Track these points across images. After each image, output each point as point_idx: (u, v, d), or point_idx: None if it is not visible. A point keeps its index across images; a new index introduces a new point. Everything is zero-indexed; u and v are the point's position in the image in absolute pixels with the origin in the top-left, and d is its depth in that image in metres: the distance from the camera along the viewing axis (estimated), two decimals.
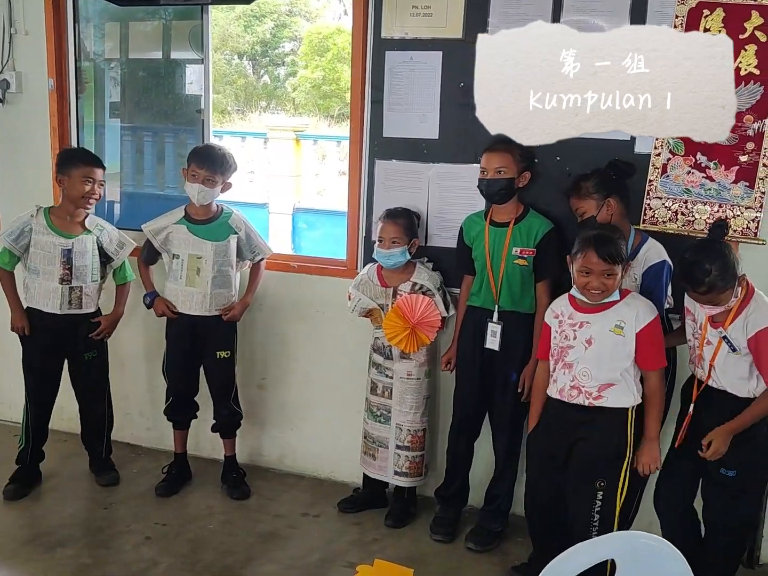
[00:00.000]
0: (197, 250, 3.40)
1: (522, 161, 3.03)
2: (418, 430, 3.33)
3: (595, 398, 2.61)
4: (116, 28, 4.05)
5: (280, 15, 20.02)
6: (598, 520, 2.65)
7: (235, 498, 3.56)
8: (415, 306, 3.17)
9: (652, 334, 2.58)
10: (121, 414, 4.08)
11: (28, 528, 3.26)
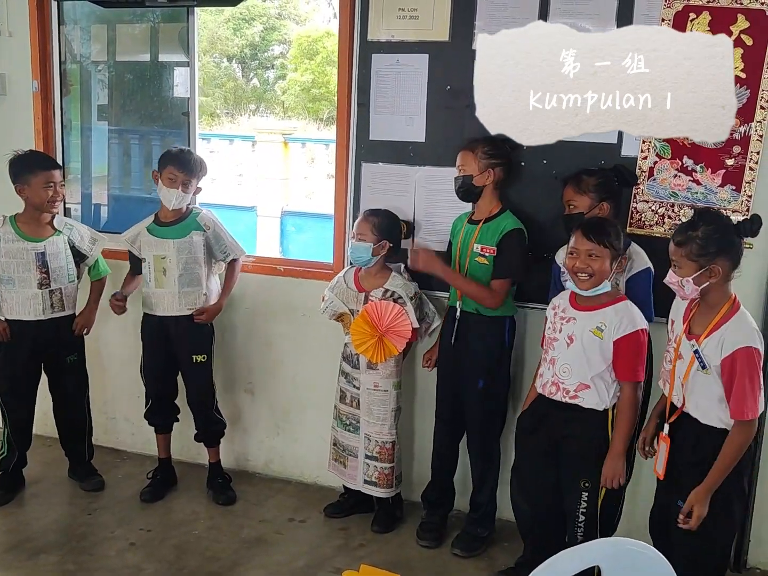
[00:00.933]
0: (160, 250, 3.38)
1: (485, 159, 3.00)
2: (386, 442, 3.27)
3: (571, 397, 2.62)
4: (103, 30, 4.03)
5: (269, 18, 20.02)
6: (583, 521, 2.64)
7: (221, 503, 3.53)
8: (385, 313, 3.11)
9: (631, 345, 2.54)
10: (105, 418, 4.06)
11: (10, 534, 3.23)
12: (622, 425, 2.58)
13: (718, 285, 2.33)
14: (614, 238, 2.55)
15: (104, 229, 4.04)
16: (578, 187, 2.87)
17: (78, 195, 4.17)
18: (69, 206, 4.11)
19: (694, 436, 2.40)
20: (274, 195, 10.22)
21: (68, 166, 4.09)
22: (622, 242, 2.60)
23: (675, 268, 2.37)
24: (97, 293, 3.62)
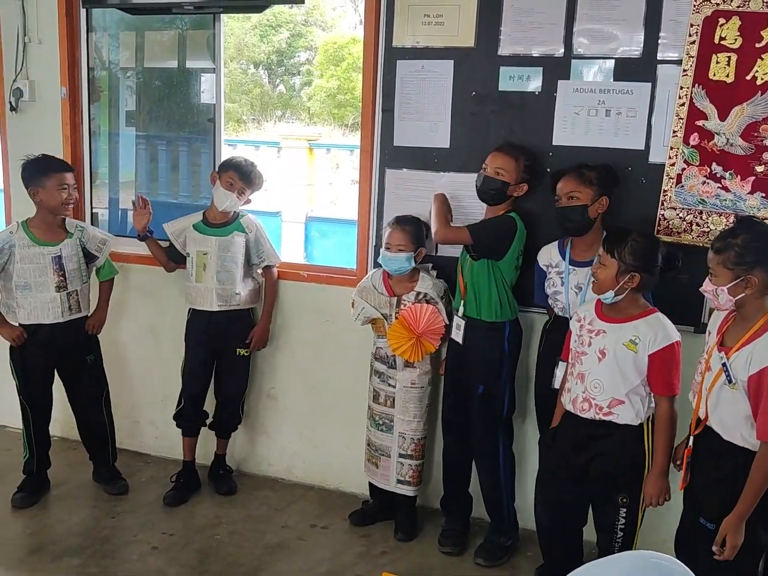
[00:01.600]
0: (203, 246, 3.48)
1: (525, 172, 3.01)
2: (420, 438, 3.31)
3: (605, 414, 2.56)
4: (132, 37, 4.07)
5: (296, 25, 20.13)
6: (622, 537, 2.60)
7: (223, 493, 3.62)
8: (420, 315, 3.16)
9: (667, 359, 2.48)
10: (129, 422, 4.08)
11: (34, 537, 3.25)
12: (662, 441, 2.52)
13: (755, 297, 2.26)
14: (627, 253, 2.49)
15: (131, 235, 4.08)
16: (581, 178, 2.84)
17: (105, 200, 4.21)
18: (96, 211, 4.14)
19: (716, 452, 2.35)
20: (298, 200, 10.25)
21: (96, 172, 4.13)
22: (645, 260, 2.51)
23: (711, 276, 2.32)
24: (107, 293, 3.68)
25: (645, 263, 2.51)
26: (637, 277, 2.50)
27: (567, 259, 2.95)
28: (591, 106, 3.05)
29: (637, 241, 2.51)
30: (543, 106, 3.11)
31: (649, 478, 2.54)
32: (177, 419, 3.64)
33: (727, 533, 2.25)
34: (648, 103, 2.97)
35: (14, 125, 4.03)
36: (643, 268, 2.50)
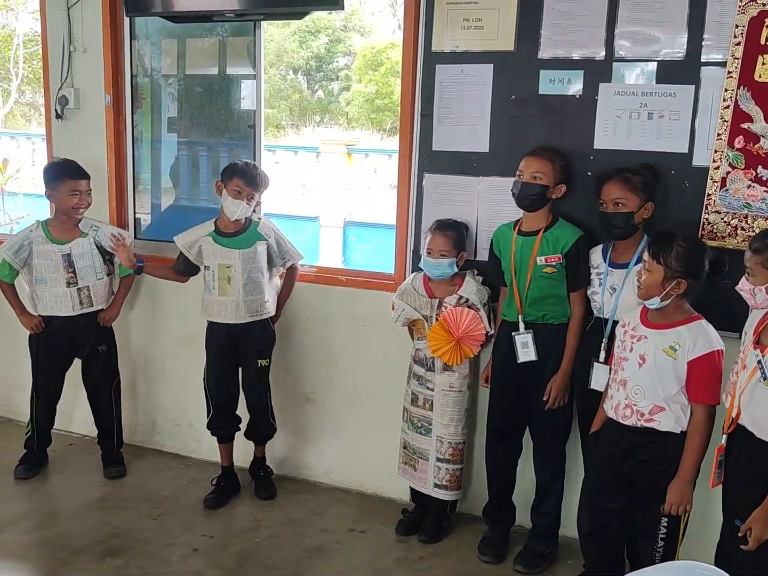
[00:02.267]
0: (226, 260, 3.45)
1: (561, 173, 2.99)
2: (458, 442, 3.29)
3: (646, 420, 2.53)
4: (174, 44, 4.12)
5: (334, 30, 20.24)
6: (663, 547, 2.56)
7: (263, 498, 3.62)
8: (460, 319, 3.15)
9: (706, 367, 2.44)
10: (171, 425, 4.13)
11: (78, 537, 3.29)
12: (692, 450, 2.48)
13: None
14: (673, 258, 2.46)
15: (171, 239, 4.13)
16: (628, 184, 2.81)
17: (148, 206, 4.27)
18: (139, 216, 4.20)
19: (748, 451, 2.33)
20: (336, 205, 10.30)
21: (138, 177, 4.19)
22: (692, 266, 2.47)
23: (748, 275, 2.31)
24: (125, 289, 3.87)
25: (691, 269, 2.47)
26: (683, 284, 2.47)
27: (607, 260, 2.94)
28: (633, 109, 3.02)
29: (682, 246, 2.47)
30: (584, 110, 3.08)
31: (673, 485, 2.49)
32: (210, 428, 3.66)
33: (752, 525, 2.25)
34: (691, 105, 2.93)
35: (60, 132, 4.11)
36: (689, 274, 2.47)
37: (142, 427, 4.21)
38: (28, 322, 3.69)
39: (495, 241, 3.18)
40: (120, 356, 4.04)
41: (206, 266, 3.49)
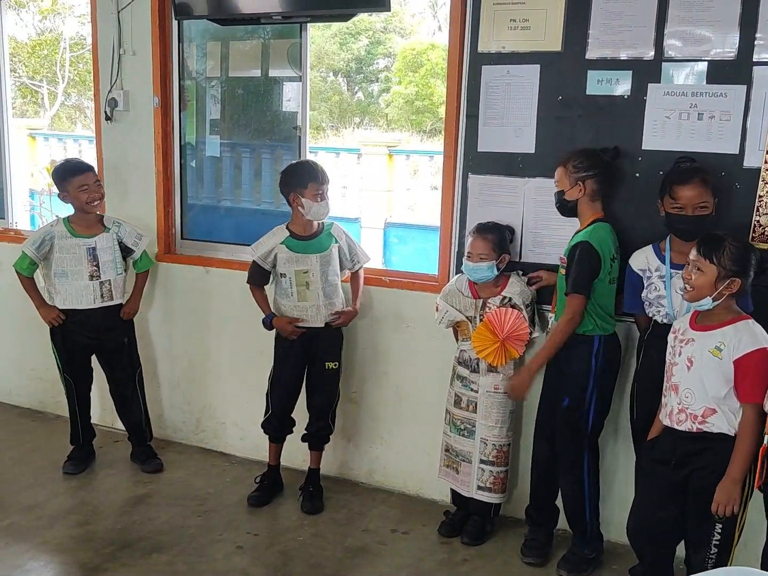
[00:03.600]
0: (302, 265, 3.45)
1: (575, 172, 2.95)
2: (503, 444, 3.28)
3: (700, 423, 2.50)
4: (217, 47, 4.16)
5: (375, 32, 20.29)
6: (716, 553, 2.52)
7: (305, 512, 3.56)
8: (504, 319, 3.15)
9: (752, 365, 2.39)
10: (215, 423, 4.18)
11: (124, 533, 3.35)
12: (741, 449, 2.44)
13: None
14: (727, 257, 2.44)
15: (213, 240, 4.18)
16: (707, 186, 2.76)
17: (191, 206, 4.31)
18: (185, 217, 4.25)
19: None
20: (377, 206, 10.31)
21: (185, 179, 4.23)
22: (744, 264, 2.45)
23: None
24: (142, 283, 3.97)
25: (744, 268, 2.45)
26: (737, 282, 2.44)
27: (667, 262, 2.87)
28: (683, 110, 2.98)
29: (734, 245, 2.45)
30: (632, 110, 3.05)
31: (721, 485, 2.46)
32: (265, 427, 3.67)
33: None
34: (743, 106, 2.88)
35: (108, 134, 4.18)
36: (742, 273, 2.45)
37: (186, 425, 4.26)
38: (47, 314, 3.76)
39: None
40: (163, 356, 4.10)
41: (282, 274, 3.47)
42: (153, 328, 4.25)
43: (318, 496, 3.65)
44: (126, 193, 4.20)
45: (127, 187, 4.20)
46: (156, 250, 4.16)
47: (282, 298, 3.52)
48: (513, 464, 3.42)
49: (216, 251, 4.13)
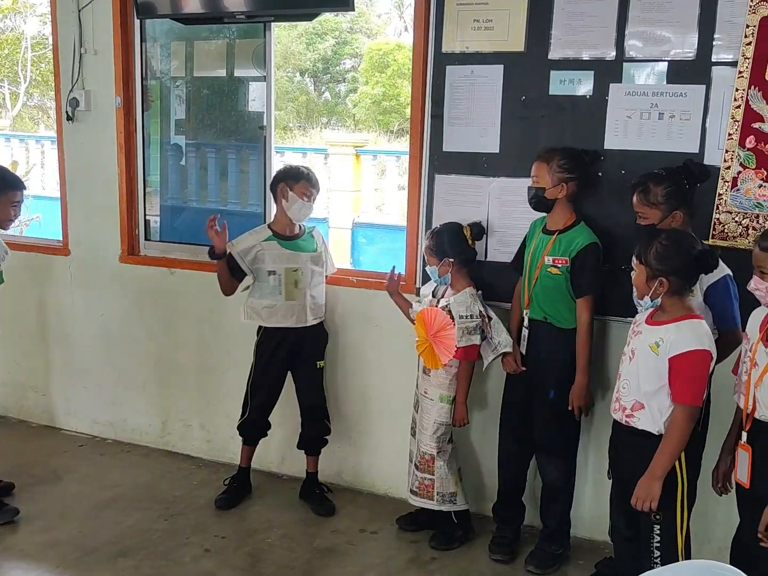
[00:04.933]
0: (293, 263, 3.44)
1: (560, 172, 2.96)
2: (425, 453, 3.25)
3: (627, 416, 2.49)
4: (182, 47, 4.13)
5: (341, 32, 20.29)
6: (659, 557, 2.49)
7: (322, 515, 3.54)
8: (434, 319, 3.16)
9: (687, 365, 2.35)
10: (181, 426, 4.14)
11: (89, 538, 3.31)
12: (664, 448, 2.40)
13: None
14: (652, 257, 2.40)
15: (180, 241, 4.15)
16: (647, 199, 2.74)
17: (157, 207, 4.28)
18: (149, 218, 4.22)
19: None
20: (345, 207, 10.30)
21: (148, 179, 4.20)
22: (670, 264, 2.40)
23: (761, 274, 2.30)
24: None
25: (671, 267, 2.40)
26: (665, 282, 2.40)
27: None
28: (643, 110, 3.02)
29: (662, 244, 2.41)
30: (594, 110, 3.08)
31: (641, 481, 2.42)
32: (241, 429, 3.63)
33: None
34: (702, 105, 2.93)
35: (70, 134, 4.13)
36: (670, 272, 2.39)
37: (152, 428, 4.22)
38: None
39: (529, 231, 3.18)
40: (128, 358, 4.05)
41: (270, 271, 3.43)
42: (117, 330, 4.21)
43: (326, 497, 3.64)
44: (89, 194, 4.15)
45: (90, 188, 4.15)
46: (120, 251, 4.12)
47: (265, 299, 3.44)
48: (477, 462, 3.44)
49: (181, 252, 4.10)
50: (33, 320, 3.62)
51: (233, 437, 3.96)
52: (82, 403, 4.31)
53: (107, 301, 4.19)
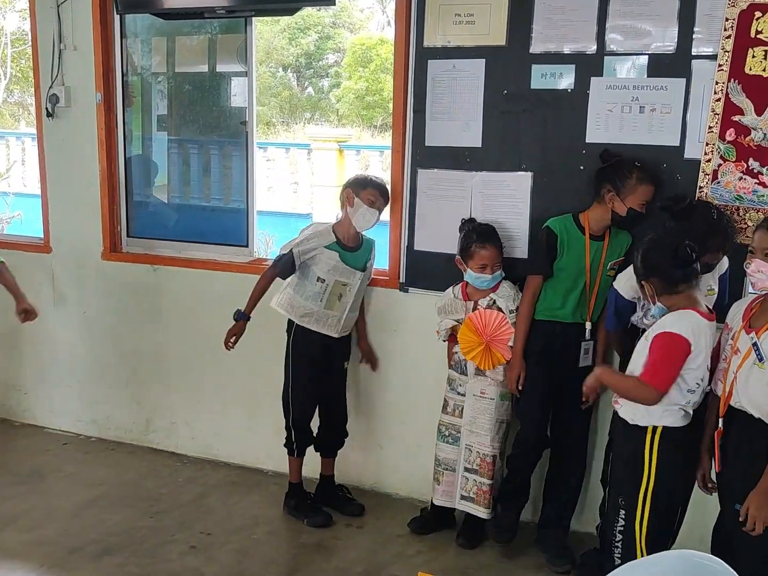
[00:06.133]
0: (345, 278, 3.35)
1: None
2: (487, 455, 3.15)
3: (614, 402, 2.59)
4: (163, 42, 4.11)
5: (324, 27, 20.22)
6: (621, 541, 2.53)
7: (356, 515, 3.48)
8: (489, 321, 3.08)
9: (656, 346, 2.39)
10: (165, 423, 4.13)
11: (74, 536, 3.29)
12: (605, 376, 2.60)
13: None
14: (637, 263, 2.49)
15: (165, 238, 4.13)
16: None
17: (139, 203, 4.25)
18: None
19: (746, 433, 2.36)
20: (329, 202, 10.29)
21: (130, 175, 4.17)
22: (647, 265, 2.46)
23: (765, 257, 2.32)
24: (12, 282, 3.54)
25: (648, 269, 2.46)
26: (647, 285, 2.46)
27: None
28: (624, 103, 3.03)
29: (642, 249, 2.50)
30: (576, 104, 3.09)
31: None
32: (290, 446, 3.48)
33: (750, 507, 2.27)
34: (683, 98, 2.95)
35: (51, 131, 4.10)
36: (649, 274, 2.46)
37: (136, 425, 4.20)
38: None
39: (560, 236, 3.00)
40: (111, 355, 4.02)
41: (320, 278, 3.33)
42: (100, 328, 4.18)
43: (352, 497, 3.58)
44: (70, 191, 4.12)
45: (71, 185, 4.12)
46: (102, 249, 4.09)
47: (305, 299, 3.35)
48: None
49: (164, 249, 4.08)
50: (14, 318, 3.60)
51: (218, 434, 3.98)
52: (66, 401, 4.28)
53: (90, 298, 4.17)
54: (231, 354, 3.55)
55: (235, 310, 3.37)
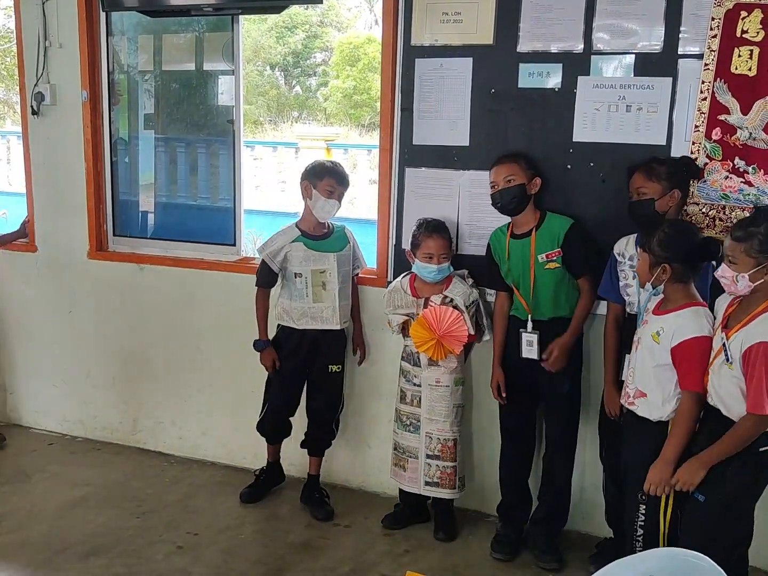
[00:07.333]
0: (320, 265, 3.35)
1: (528, 168, 3.01)
2: (448, 439, 3.25)
3: (629, 403, 2.60)
4: (150, 40, 4.09)
5: (311, 26, 20.19)
6: (642, 536, 2.56)
7: (320, 519, 3.45)
8: (443, 318, 3.12)
9: (686, 353, 2.43)
10: (152, 423, 4.11)
11: (60, 537, 3.27)
12: (675, 433, 2.48)
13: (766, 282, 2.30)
14: (656, 244, 2.47)
15: (151, 237, 4.12)
16: (649, 174, 2.79)
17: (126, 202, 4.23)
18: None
19: (715, 428, 2.39)
20: None
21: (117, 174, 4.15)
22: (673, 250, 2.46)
23: (730, 263, 2.34)
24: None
25: (674, 253, 2.46)
26: (668, 269, 2.46)
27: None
28: (611, 102, 3.04)
29: (665, 232, 2.49)
30: (563, 103, 3.10)
31: (654, 464, 2.49)
32: (261, 429, 3.56)
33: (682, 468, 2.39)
34: (669, 98, 2.96)
35: (36, 129, 4.07)
36: (672, 259, 2.46)
37: (123, 425, 4.18)
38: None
39: (492, 247, 3.16)
40: (97, 354, 3.99)
41: (297, 273, 3.35)
42: (86, 327, 4.16)
43: (326, 501, 3.56)
44: (55, 189, 4.10)
45: (56, 184, 4.09)
46: (87, 248, 4.07)
47: (293, 301, 3.39)
48: (466, 459, 3.42)
49: (151, 248, 4.06)
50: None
51: (205, 433, 3.96)
52: (51, 401, 4.26)
53: (76, 297, 4.15)
54: (218, 354, 3.55)
55: (253, 341, 3.42)
